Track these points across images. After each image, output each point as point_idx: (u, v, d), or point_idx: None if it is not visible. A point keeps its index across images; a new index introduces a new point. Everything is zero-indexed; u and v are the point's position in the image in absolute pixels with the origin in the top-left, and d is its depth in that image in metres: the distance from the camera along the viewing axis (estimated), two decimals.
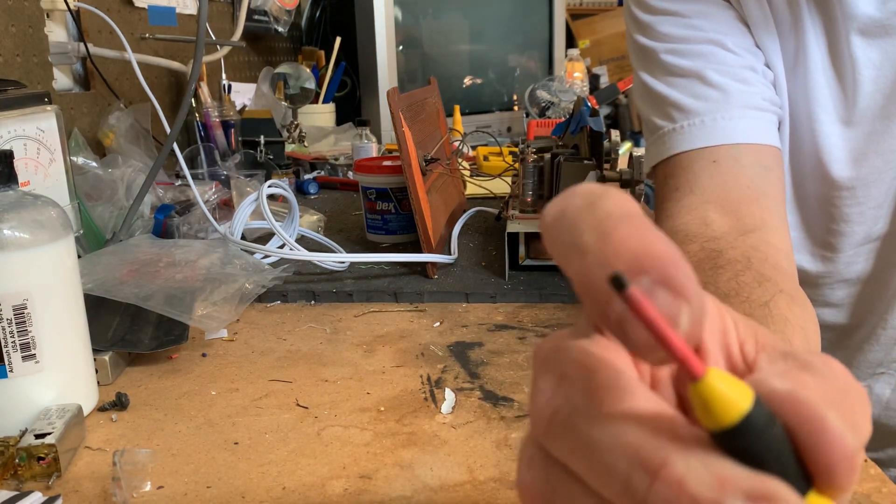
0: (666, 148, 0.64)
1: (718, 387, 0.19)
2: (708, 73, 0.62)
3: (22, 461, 0.43)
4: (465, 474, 0.43)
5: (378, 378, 0.56)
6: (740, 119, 0.61)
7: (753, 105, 0.62)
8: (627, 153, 0.97)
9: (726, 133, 0.61)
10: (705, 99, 0.62)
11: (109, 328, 0.59)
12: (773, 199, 0.61)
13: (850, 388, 0.22)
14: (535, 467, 0.22)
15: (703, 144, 0.61)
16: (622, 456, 0.19)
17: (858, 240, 0.68)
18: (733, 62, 0.63)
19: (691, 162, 0.62)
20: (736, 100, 0.62)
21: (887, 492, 0.40)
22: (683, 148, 0.62)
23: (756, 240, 0.56)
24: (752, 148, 0.61)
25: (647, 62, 0.67)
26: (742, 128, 0.61)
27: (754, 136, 0.62)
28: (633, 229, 0.20)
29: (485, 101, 1.92)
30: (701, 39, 0.63)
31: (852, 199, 0.66)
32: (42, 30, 0.98)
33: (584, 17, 2.80)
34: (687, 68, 0.63)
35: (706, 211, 0.59)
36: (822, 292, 0.72)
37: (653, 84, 0.66)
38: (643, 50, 0.67)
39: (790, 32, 0.63)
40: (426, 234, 0.76)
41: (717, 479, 0.18)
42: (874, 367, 0.73)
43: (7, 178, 0.47)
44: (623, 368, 0.21)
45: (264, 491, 0.42)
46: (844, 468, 0.19)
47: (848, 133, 0.64)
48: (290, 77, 1.55)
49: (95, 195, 0.87)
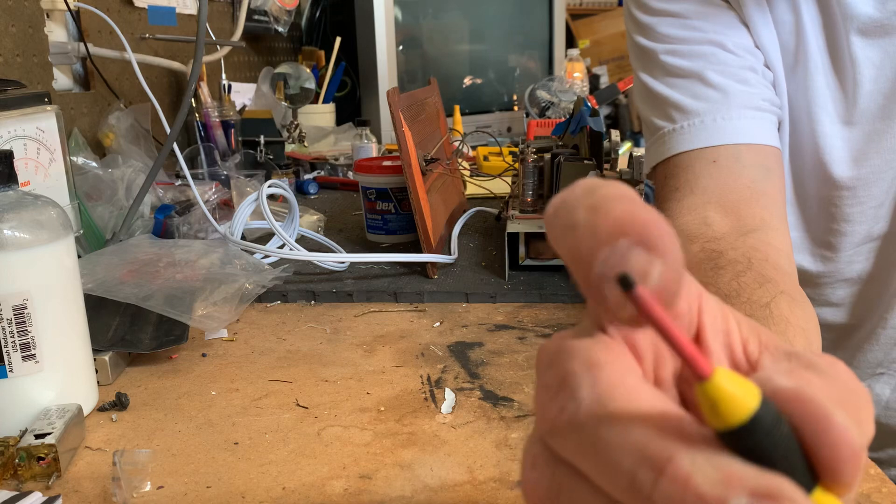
0: (666, 148, 0.64)
1: (726, 386, 0.19)
2: (708, 74, 0.62)
3: (22, 461, 0.43)
4: (465, 474, 0.43)
5: (378, 378, 0.56)
6: (740, 119, 0.62)
7: (753, 105, 0.62)
8: (627, 153, 0.97)
9: (726, 133, 0.61)
10: (705, 99, 0.62)
11: (109, 328, 0.59)
12: (773, 200, 0.61)
13: (855, 387, 0.22)
14: (541, 467, 0.22)
15: (704, 145, 0.62)
16: (628, 453, 0.19)
17: (859, 239, 0.68)
18: (733, 63, 0.63)
19: (691, 162, 0.62)
20: (736, 100, 0.62)
21: (887, 491, 0.40)
22: (683, 148, 0.62)
23: (756, 240, 0.56)
24: (753, 148, 0.61)
25: (647, 63, 0.67)
26: (742, 128, 0.61)
27: (754, 136, 0.62)
28: (623, 204, 0.20)
29: (485, 101, 1.92)
30: (701, 40, 0.63)
31: (853, 199, 0.66)
32: (42, 30, 0.98)
33: (584, 17, 2.80)
34: (687, 69, 0.63)
35: (706, 211, 0.59)
36: (823, 292, 0.72)
37: (653, 85, 0.66)
38: (643, 51, 0.67)
39: (790, 33, 0.63)
40: (426, 234, 0.76)
41: (724, 475, 0.18)
42: (874, 367, 0.73)
43: (7, 178, 0.47)
44: (628, 367, 0.21)
45: (264, 491, 0.42)
46: (850, 466, 0.19)
47: (848, 133, 0.64)
48: (290, 77, 1.55)
49: (95, 195, 0.87)
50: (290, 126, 1.49)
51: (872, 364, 0.73)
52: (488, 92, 1.93)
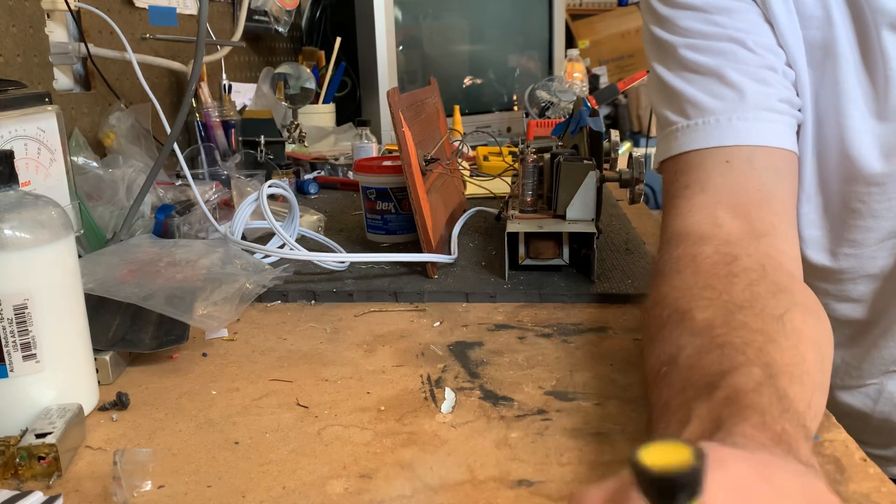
0: (678, 144, 0.63)
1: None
2: (726, 72, 0.62)
3: (22, 461, 0.43)
4: (465, 474, 0.43)
5: (378, 378, 0.56)
6: (755, 121, 0.61)
7: (770, 107, 0.62)
8: (627, 153, 0.97)
9: (741, 134, 0.61)
10: (721, 98, 0.62)
11: (110, 328, 0.59)
12: (784, 204, 0.61)
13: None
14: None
15: (717, 144, 0.61)
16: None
17: (883, 235, 0.68)
18: (753, 61, 0.62)
19: (703, 160, 0.62)
20: (753, 101, 0.62)
21: (886, 491, 0.40)
22: (697, 146, 0.62)
23: (769, 246, 0.56)
24: (766, 151, 0.61)
25: (664, 56, 0.66)
26: (757, 130, 0.61)
27: (769, 138, 0.61)
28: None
29: (485, 102, 1.92)
30: (721, 37, 0.63)
31: (882, 195, 0.65)
32: (43, 30, 0.98)
33: (584, 18, 2.81)
34: (705, 65, 0.63)
35: (717, 211, 0.59)
36: (844, 287, 0.72)
37: (669, 78, 0.65)
38: (661, 43, 0.67)
39: (819, 28, 0.63)
40: (426, 234, 0.77)
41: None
42: (888, 364, 0.74)
43: (8, 178, 0.47)
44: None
45: (264, 490, 0.42)
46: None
47: (880, 128, 0.63)
48: (290, 77, 1.55)
49: (96, 195, 0.87)
50: (290, 126, 1.49)
51: (887, 361, 0.73)
52: (488, 92, 1.93)
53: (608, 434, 0.47)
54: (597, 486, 0.27)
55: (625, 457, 0.44)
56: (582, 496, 0.24)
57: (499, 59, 1.97)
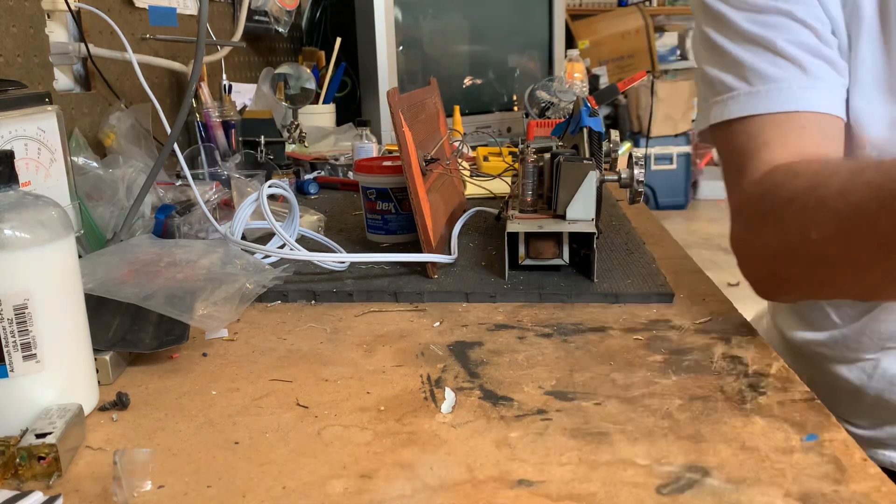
0: (749, 106, 0.68)
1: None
2: (782, 44, 0.67)
3: (23, 461, 0.43)
4: (465, 474, 0.43)
5: (378, 377, 0.56)
6: (814, 90, 0.66)
7: (825, 76, 0.67)
8: (627, 153, 0.97)
9: (809, 101, 0.66)
10: (782, 67, 0.67)
11: (110, 328, 0.59)
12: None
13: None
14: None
15: (790, 109, 0.66)
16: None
17: None
18: (803, 34, 0.67)
19: (781, 123, 0.66)
20: (811, 70, 0.67)
21: (887, 491, 0.40)
22: (771, 109, 0.67)
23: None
24: (830, 119, 0.67)
25: (721, 26, 0.70)
26: (816, 98, 0.66)
27: (828, 106, 0.67)
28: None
29: (485, 102, 1.92)
30: (772, 10, 0.67)
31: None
32: (43, 30, 0.98)
33: (584, 18, 2.81)
34: (761, 36, 0.68)
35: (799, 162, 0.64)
36: None
37: (728, 47, 0.69)
38: (717, 14, 0.70)
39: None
40: (426, 234, 0.77)
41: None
42: (885, 339, 0.75)
43: (8, 178, 0.47)
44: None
45: (264, 490, 0.42)
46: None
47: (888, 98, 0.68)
48: (290, 77, 1.55)
49: (96, 195, 0.87)
50: (290, 126, 1.49)
51: (884, 337, 0.75)
52: (488, 92, 1.93)
53: (608, 434, 0.47)
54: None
55: (625, 457, 0.44)
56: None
57: (499, 60, 1.97)
